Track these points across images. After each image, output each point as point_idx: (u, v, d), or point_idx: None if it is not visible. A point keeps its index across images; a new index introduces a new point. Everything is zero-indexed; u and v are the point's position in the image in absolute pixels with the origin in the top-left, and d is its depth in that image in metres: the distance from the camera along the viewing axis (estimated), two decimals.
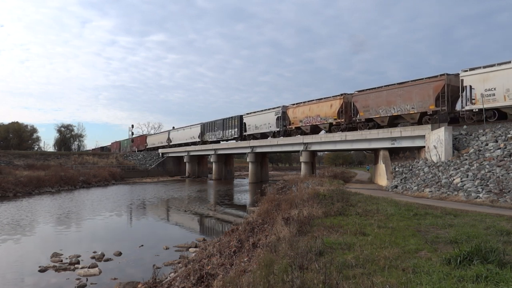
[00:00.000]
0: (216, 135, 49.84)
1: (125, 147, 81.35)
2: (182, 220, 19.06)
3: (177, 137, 61.06)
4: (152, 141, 70.25)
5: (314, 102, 34.00)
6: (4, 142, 70.64)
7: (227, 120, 47.62)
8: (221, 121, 48.80)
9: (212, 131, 50.89)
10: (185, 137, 57.99)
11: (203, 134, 52.99)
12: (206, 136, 52.29)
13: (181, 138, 59.38)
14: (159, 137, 68.61)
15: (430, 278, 4.17)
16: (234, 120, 45.99)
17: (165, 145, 64.33)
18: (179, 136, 60.30)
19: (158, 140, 68.06)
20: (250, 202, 24.83)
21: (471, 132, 20.00)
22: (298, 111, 35.47)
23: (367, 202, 11.81)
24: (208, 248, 9.70)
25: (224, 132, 47.91)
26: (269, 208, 11.93)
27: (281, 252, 5.80)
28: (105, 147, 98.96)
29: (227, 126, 47.20)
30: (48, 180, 33.89)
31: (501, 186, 13.72)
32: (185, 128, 59.32)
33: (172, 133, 63.28)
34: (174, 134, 62.51)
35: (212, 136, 50.98)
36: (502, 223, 7.76)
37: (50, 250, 11.43)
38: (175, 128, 64.70)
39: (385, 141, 26.16)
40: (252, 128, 42.66)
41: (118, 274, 9.32)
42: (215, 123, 50.32)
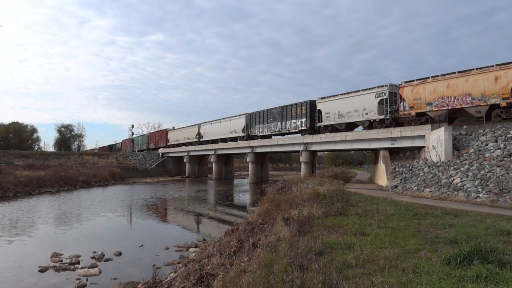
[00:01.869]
0: (271, 127, 39.36)
1: (140, 144, 73.35)
2: (182, 220, 19.05)
3: (210, 132, 51.02)
4: (176, 137, 60.65)
5: (461, 74, 22.19)
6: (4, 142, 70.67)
7: (288, 108, 37.05)
8: (278, 110, 38.37)
9: (263, 123, 40.47)
10: (223, 131, 47.96)
11: (248, 127, 43.04)
12: (254, 130, 42.16)
13: (217, 132, 49.41)
14: (186, 132, 58.01)
15: (430, 278, 4.17)
16: (300, 108, 35.30)
17: (193, 141, 55.32)
18: (214, 131, 50.10)
19: (184, 135, 58.02)
20: (250, 202, 24.83)
21: (471, 132, 20.00)
22: (424, 90, 24.08)
23: (367, 202, 11.80)
24: (208, 248, 9.69)
25: (283, 124, 37.45)
26: (269, 208, 11.93)
27: (281, 252, 5.80)
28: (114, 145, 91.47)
29: (289, 116, 36.78)
30: (48, 180, 33.87)
31: (501, 186, 13.71)
32: (223, 121, 48.94)
33: (204, 127, 52.98)
34: (206, 128, 52.26)
35: (264, 129, 40.65)
36: (502, 223, 7.76)
37: (50, 250, 11.42)
38: (208, 121, 53.10)
39: (385, 141, 26.16)
40: (333, 116, 31.25)
41: (118, 274, 9.31)
42: (269, 113, 39.97)
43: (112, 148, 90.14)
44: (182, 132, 59.44)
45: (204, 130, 52.60)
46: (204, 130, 52.74)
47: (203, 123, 53.62)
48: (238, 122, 45.11)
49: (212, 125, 50.89)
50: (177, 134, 60.64)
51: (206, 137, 51.91)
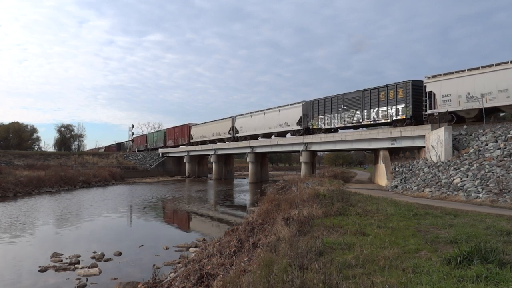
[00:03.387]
0: (344, 118, 30.26)
1: (155, 141, 66.90)
2: (182, 220, 19.06)
3: (249, 126, 42.97)
4: (201, 133, 53.23)
5: None
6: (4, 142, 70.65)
7: (373, 91, 27.73)
8: (357, 95, 29.01)
9: (331, 112, 31.69)
10: (268, 124, 39.77)
11: (306, 118, 34.49)
12: (316, 121, 33.09)
13: (259, 126, 41.23)
14: (215, 127, 49.88)
15: (430, 278, 4.17)
16: (395, 91, 25.93)
17: (225, 138, 47.64)
18: (255, 124, 42.03)
19: (214, 130, 50.17)
20: (250, 202, 24.83)
21: (471, 132, 20.00)
22: None
23: (367, 202, 11.80)
24: (208, 248, 9.70)
25: (366, 112, 28.29)
26: (269, 208, 11.93)
27: (281, 252, 5.80)
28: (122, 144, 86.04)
29: (374, 102, 27.45)
30: (48, 180, 33.88)
31: (501, 186, 13.71)
32: (268, 111, 40.02)
33: (241, 120, 44.74)
34: (244, 122, 44.13)
35: (332, 120, 31.49)
36: (502, 223, 7.76)
37: (50, 250, 11.42)
38: (246, 113, 44.27)
39: (385, 141, 26.16)
40: (456, 100, 22.10)
41: (118, 274, 9.31)
42: (341, 99, 30.60)
43: (121, 147, 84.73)
44: (210, 127, 51.23)
45: (241, 124, 44.35)
46: (240, 124, 44.52)
47: (239, 115, 45.52)
48: (291, 112, 36.34)
49: (252, 118, 42.46)
50: (204, 130, 52.77)
51: (244, 132, 43.81)
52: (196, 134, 54.74)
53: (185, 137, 57.07)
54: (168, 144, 61.74)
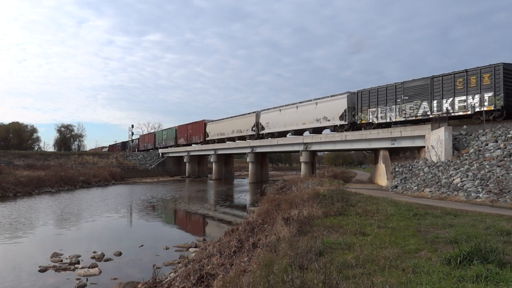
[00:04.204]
0: (406, 110, 25.14)
1: (164, 140, 63.37)
2: (182, 220, 19.07)
3: (278, 121, 38.37)
4: (219, 130, 49.08)
5: None
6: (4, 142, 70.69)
7: (447, 78, 22.91)
8: (423, 82, 24.22)
9: (386, 104, 26.62)
10: (301, 119, 34.92)
11: (352, 111, 29.63)
12: (365, 114, 28.22)
13: (290, 121, 36.61)
14: (236, 124, 45.37)
15: (430, 278, 4.17)
16: (479, 76, 21.19)
17: (246, 135, 43.21)
18: (285, 119, 37.25)
19: (234, 127, 45.73)
20: (250, 202, 24.83)
21: (471, 132, 20.00)
22: None
23: (367, 202, 11.80)
24: (208, 248, 9.70)
25: (436, 103, 23.38)
26: (269, 208, 11.93)
27: (281, 252, 5.80)
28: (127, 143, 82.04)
29: (449, 90, 22.77)
30: (48, 180, 33.89)
31: (501, 186, 13.71)
32: (302, 105, 35.17)
33: (267, 116, 40.06)
34: (271, 117, 39.47)
35: (388, 113, 26.46)
36: (502, 223, 7.76)
37: (50, 250, 11.42)
38: (274, 108, 39.53)
39: (385, 141, 26.16)
40: None
41: (118, 274, 9.31)
42: (399, 88, 25.64)
43: (126, 145, 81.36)
44: (229, 123, 47.13)
45: (267, 120, 39.93)
46: (266, 120, 40.09)
47: (264, 110, 41.06)
48: (333, 105, 31.43)
49: (281, 113, 37.89)
50: (222, 127, 48.55)
51: (271, 129, 39.44)
52: (213, 132, 50.41)
53: (199, 135, 53.11)
54: (179, 142, 58.25)
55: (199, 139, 53.27)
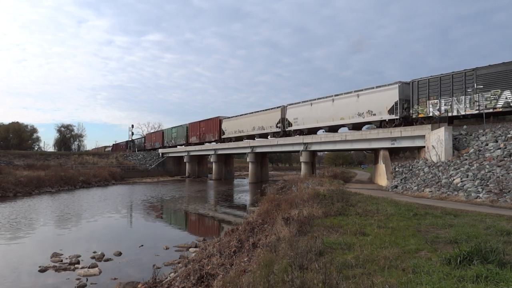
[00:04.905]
0: (479, 102, 21.28)
1: (174, 138, 59.85)
2: (182, 220, 19.07)
3: (309, 116, 34.13)
4: (237, 127, 45.18)
5: None
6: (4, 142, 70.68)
7: None
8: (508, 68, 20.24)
9: (451, 95, 22.76)
10: (340, 114, 30.49)
11: (407, 104, 25.55)
12: (423, 108, 24.23)
13: (325, 116, 32.20)
14: (257, 120, 41.41)
15: (430, 278, 4.17)
16: None
17: (270, 132, 39.61)
18: (318, 115, 33.00)
19: (255, 123, 41.76)
20: (250, 202, 24.83)
21: (471, 132, 20.00)
22: None
23: (367, 202, 11.80)
24: (208, 248, 9.70)
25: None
26: (269, 208, 11.93)
27: (281, 252, 5.80)
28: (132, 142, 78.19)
29: None
30: (48, 180, 33.90)
31: (501, 186, 13.71)
32: (338, 98, 31.03)
33: (296, 110, 35.96)
34: (300, 112, 35.27)
35: (453, 104, 22.71)
36: (502, 223, 7.76)
37: (50, 250, 11.42)
38: (304, 101, 35.20)
39: (385, 141, 26.16)
40: None
41: (118, 274, 9.31)
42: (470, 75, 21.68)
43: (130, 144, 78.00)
44: (249, 120, 43.11)
45: (295, 115, 35.91)
46: (294, 115, 36.05)
47: (292, 104, 36.74)
48: (380, 97, 26.98)
49: (312, 107, 33.53)
50: (240, 124, 44.63)
51: (299, 125, 35.21)
52: (229, 129, 46.76)
53: (214, 133, 49.25)
54: (191, 141, 54.95)
55: (214, 137, 49.25)
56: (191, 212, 20.99)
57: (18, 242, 13.08)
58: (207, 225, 17.79)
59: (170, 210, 22.18)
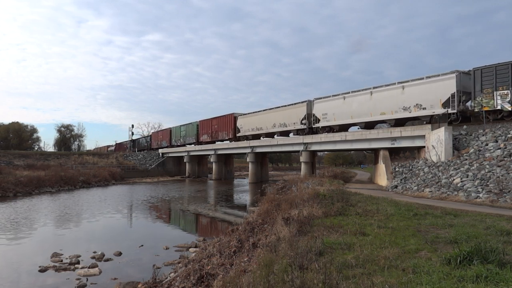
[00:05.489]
0: None
1: (182, 137, 56.94)
2: (182, 220, 19.07)
3: (341, 112, 30.44)
4: (255, 124, 41.71)
5: None
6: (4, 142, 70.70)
7: None
8: None
9: None
10: (380, 108, 26.89)
11: (465, 96, 22.28)
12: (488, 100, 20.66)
13: (362, 111, 28.45)
14: (279, 116, 38.13)
15: (430, 278, 4.17)
16: None
17: (293, 130, 36.46)
18: (352, 109, 29.42)
19: (276, 120, 38.47)
20: (250, 202, 24.83)
21: (471, 132, 20.00)
22: None
23: (367, 202, 11.80)
24: (208, 248, 9.70)
25: None
26: (269, 208, 11.93)
27: (281, 252, 5.80)
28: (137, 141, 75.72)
29: None
30: (48, 180, 33.89)
31: (501, 186, 13.71)
32: (377, 91, 27.35)
33: (325, 105, 32.37)
34: (331, 107, 31.58)
35: None
36: (502, 223, 7.76)
37: (50, 250, 11.42)
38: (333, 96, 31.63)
39: (385, 141, 26.16)
40: None
41: (118, 274, 9.31)
42: None
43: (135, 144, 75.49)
44: (269, 116, 39.93)
45: (324, 110, 32.29)
46: (323, 110, 32.41)
47: (320, 99, 33.12)
48: (430, 89, 23.61)
49: (345, 101, 30.04)
50: (258, 120, 41.47)
51: (329, 121, 31.63)
52: (246, 126, 43.49)
53: (228, 131, 46.13)
54: (202, 139, 51.48)
55: (228, 135, 46.11)
56: (191, 212, 20.98)
57: (18, 242, 13.08)
58: (207, 225, 17.79)
59: (170, 210, 22.18)
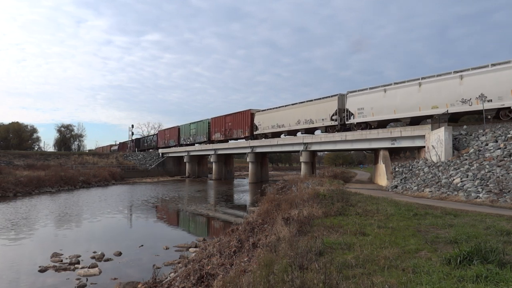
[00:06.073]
0: None
1: (192, 135, 54.13)
2: (182, 220, 19.06)
3: (383, 105, 26.45)
4: (275, 121, 38.50)
5: None
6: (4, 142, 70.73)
7: None
8: None
9: None
10: (432, 101, 23.34)
11: None
12: None
13: (408, 105, 24.77)
14: (304, 112, 34.66)
15: (430, 278, 4.17)
16: None
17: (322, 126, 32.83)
18: (395, 103, 25.58)
19: (300, 116, 35.11)
20: (250, 202, 24.83)
21: (471, 132, 20.00)
22: None
23: (367, 202, 11.80)
24: (208, 248, 9.69)
25: None
26: (269, 208, 11.92)
27: (281, 252, 5.80)
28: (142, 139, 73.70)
29: None
30: (48, 180, 33.88)
31: (501, 186, 13.71)
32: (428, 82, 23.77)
33: (360, 98, 28.49)
34: (369, 100, 27.62)
35: None
36: (502, 223, 7.75)
37: (50, 250, 11.42)
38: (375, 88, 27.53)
39: (385, 141, 26.15)
40: None
41: (118, 274, 9.31)
42: None
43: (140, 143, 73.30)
44: (292, 112, 36.56)
45: (361, 104, 28.31)
46: (360, 104, 28.46)
47: (355, 92, 29.34)
48: (500, 78, 20.09)
49: (386, 94, 26.17)
50: (279, 117, 38.15)
51: (367, 116, 27.73)
52: (265, 124, 40.27)
53: (244, 128, 43.13)
54: (214, 137, 48.41)
55: (244, 133, 43.10)
56: (191, 212, 20.98)
57: (18, 242, 13.07)
58: (207, 225, 17.79)
59: (170, 210, 22.17)
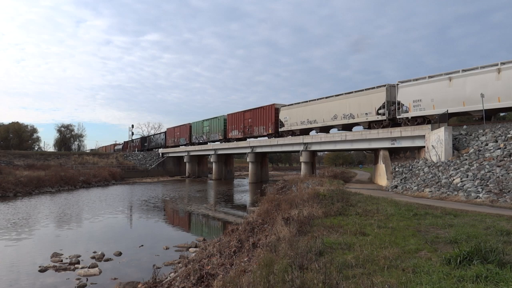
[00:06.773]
0: None
1: (206, 133, 50.21)
2: (182, 220, 19.06)
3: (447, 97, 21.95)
4: (304, 116, 34.33)
5: None
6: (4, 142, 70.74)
7: None
8: None
9: None
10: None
11: None
12: None
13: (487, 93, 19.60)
14: (342, 105, 30.20)
15: (430, 278, 4.17)
16: None
17: (365, 122, 28.55)
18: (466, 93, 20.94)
19: (337, 110, 30.61)
20: (250, 202, 24.83)
21: (471, 132, 20.00)
22: None
23: (367, 202, 11.80)
24: (208, 248, 9.70)
25: None
26: (269, 208, 11.92)
27: (281, 252, 5.80)
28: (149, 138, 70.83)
29: None
30: (48, 180, 33.89)
31: (501, 186, 13.71)
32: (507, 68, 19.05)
33: (414, 89, 24.09)
34: (427, 90, 23.21)
35: None
36: (502, 223, 7.76)
37: (50, 250, 11.43)
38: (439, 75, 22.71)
39: (385, 141, 26.15)
40: None
41: (118, 274, 9.31)
42: None
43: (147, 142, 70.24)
44: (327, 106, 31.96)
45: (418, 95, 23.86)
46: (415, 96, 24.02)
47: (408, 82, 24.80)
48: None
49: (452, 83, 21.76)
50: (310, 112, 33.74)
51: (427, 109, 23.32)
52: (292, 119, 36.06)
53: (266, 125, 38.93)
54: (231, 135, 44.29)
55: (267, 130, 38.78)
56: (191, 212, 20.98)
57: (18, 242, 13.07)
58: (207, 225, 17.79)
59: (170, 210, 22.18)
